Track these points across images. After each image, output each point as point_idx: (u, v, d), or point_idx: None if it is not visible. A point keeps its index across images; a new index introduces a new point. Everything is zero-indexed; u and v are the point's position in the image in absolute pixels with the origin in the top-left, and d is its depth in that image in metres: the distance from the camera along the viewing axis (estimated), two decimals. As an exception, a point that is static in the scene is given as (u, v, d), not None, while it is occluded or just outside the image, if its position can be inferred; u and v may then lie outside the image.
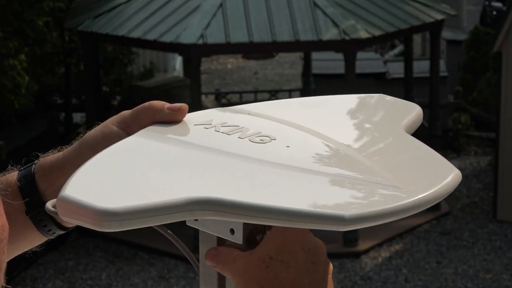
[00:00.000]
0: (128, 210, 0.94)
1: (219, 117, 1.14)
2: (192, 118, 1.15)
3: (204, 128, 1.11)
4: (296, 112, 1.17)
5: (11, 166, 1.18)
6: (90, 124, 9.08)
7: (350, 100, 1.23)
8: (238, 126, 1.10)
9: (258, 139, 1.07)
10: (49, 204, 1.08)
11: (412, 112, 1.17)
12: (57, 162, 1.16)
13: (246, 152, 1.04)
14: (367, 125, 1.14)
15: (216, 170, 1.01)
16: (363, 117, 1.16)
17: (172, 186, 0.98)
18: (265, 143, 1.06)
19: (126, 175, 1.01)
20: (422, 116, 1.18)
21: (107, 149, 1.06)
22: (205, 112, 1.17)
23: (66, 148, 1.18)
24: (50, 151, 1.19)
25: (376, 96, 1.24)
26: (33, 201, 1.14)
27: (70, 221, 0.98)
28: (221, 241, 1.01)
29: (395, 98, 1.22)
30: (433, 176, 1.00)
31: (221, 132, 1.09)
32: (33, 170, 1.16)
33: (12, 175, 1.16)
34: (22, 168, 1.17)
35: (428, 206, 0.96)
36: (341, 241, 9.84)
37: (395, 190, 0.96)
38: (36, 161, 1.17)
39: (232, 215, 0.94)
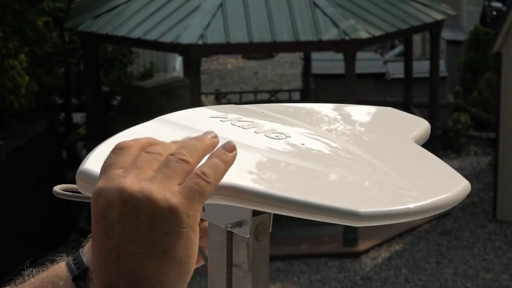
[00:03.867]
0: None
1: (233, 113, 1.17)
2: (207, 111, 1.17)
3: (220, 121, 1.14)
4: (309, 116, 1.20)
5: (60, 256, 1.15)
6: (90, 124, 9.07)
7: (362, 110, 1.27)
8: (253, 122, 1.13)
9: (273, 135, 1.09)
10: (57, 188, 1.10)
11: (420, 126, 1.22)
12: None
13: (263, 145, 1.06)
14: (379, 134, 1.17)
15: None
16: (375, 127, 1.20)
17: None
18: (280, 139, 1.09)
19: None
20: (430, 131, 1.22)
21: (127, 130, 1.10)
22: (219, 107, 1.20)
23: None
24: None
25: (386, 109, 1.28)
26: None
27: (88, 194, 0.98)
28: (229, 234, 1.02)
29: (404, 112, 1.27)
30: (445, 184, 1.03)
31: (237, 126, 1.12)
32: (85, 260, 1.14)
33: (61, 265, 1.14)
34: (70, 257, 1.15)
35: (439, 212, 0.99)
36: (341, 241, 9.84)
37: (408, 193, 0.99)
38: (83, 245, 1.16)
39: (251, 202, 0.96)
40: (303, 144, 1.08)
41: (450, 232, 10.34)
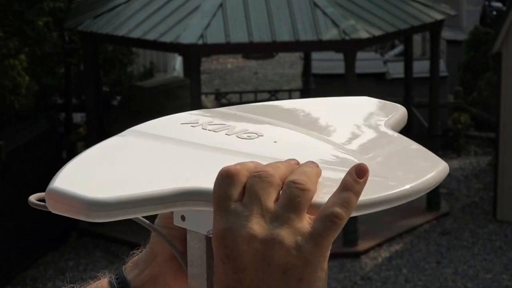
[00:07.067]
0: (116, 200, 0.94)
1: (205, 117, 1.16)
2: (178, 118, 1.16)
3: (191, 126, 1.12)
4: (282, 113, 1.18)
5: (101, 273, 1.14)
6: (90, 124, 9.06)
7: (336, 101, 1.25)
8: (224, 124, 1.12)
9: (245, 136, 1.08)
10: (32, 198, 1.08)
11: (397, 112, 1.19)
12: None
13: (234, 147, 1.05)
14: (353, 123, 1.15)
15: (205, 163, 1.02)
16: (349, 116, 1.18)
17: (161, 178, 0.99)
18: (252, 139, 1.07)
19: (114, 168, 1.02)
20: (406, 116, 1.20)
21: (95, 145, 1.08)
22: (190, 113, 1.18)
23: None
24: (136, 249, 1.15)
25: (361, 98, 1.26)
26: None
27: (59, 213, 0.97)
28: (209, 240, 1.01)
29: (380, 100, 1.24)
30: (421, 168, 1.01)
31: (208, 130, 1.10)
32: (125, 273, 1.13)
33: (103, 282, 1.13)
34: (112, 274, 1.14)
35: (416, 197, 0.97)
36: (341, 241, 9.83)
37: (383, 180, 0.97)
38: (126, 263, 1.14)
39: None
40: (275, 142, 1.06)
41: (450, 232, 10.34)
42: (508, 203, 10.55)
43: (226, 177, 0.91)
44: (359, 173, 0.90)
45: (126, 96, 11.54)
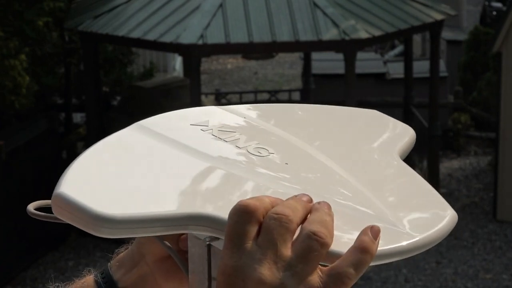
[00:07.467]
0: (127, 218, 0.92)
1: (215, 118, 1.12)
2: (188, 115, 1.13)
3: (201, 130, 1.09)
4: (295, 123, 1.15)
5: (87, 270, 1.14)
6: (90, 124, 9.06)
7: (347, 115, 1.21)
8: (235, 132, 1.08)
9: (256, 152, 1.05)
10: (30, 207, 1.05)
11: (406, 136, 1.15)
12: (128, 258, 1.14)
13: (245, 166, 1.02)
14: (364, 148, 1.11)
15: (217, 184, 0.99)
16: (360, 138, 1.14)
17: (171, 196, 0.97)
18: (263, 156, 1.04)
19: (122, 174, 1.00)
20: (415, 140, 1.16)
21: (102, 141, 1.05)
22: (200, 110, 1.15)
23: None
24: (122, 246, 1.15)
25: (371, 112, 1.21)
26: None
27: (64, 220, 0.95)
28: (209, 247, 1.00)
29: (389, 117, 1.20)
30: (430, 216, 0.98)
31: (218, 138, 1.07)
32: (110, 268, 1.13)
33: (89, 280, 1.13)
34: (98, 272, 1.14)
35: (424, 250, 0.94)
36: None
37: (393, 228, 0.93)
38: (110, 261, 1.14)
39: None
40: (286, 164, 1.03)
41: (450, 232, 10.34)
42: (508, 203, 10.55)
43: (243, 213, 0.88)
44: (374, 234, 0.88)
45: (126, 96, 11.54)
